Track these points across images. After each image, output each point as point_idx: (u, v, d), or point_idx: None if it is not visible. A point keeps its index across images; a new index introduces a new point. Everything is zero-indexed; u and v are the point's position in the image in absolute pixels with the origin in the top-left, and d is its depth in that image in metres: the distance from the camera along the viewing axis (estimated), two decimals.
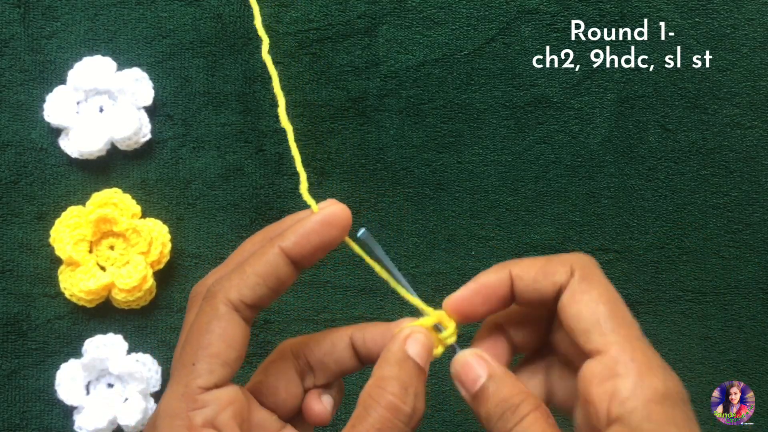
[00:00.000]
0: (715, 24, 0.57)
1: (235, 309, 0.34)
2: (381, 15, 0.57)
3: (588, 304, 0.34)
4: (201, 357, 0.32)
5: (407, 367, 0.34)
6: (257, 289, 0.34)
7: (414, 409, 0.33)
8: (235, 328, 0.33)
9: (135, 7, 0.56)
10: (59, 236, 0.54)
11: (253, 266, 0.34)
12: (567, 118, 0.57)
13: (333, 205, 0.36)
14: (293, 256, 0.35)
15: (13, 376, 0.56)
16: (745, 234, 0.58)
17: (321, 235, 0.35)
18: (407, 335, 0.36)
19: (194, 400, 0.32)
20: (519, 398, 0.34)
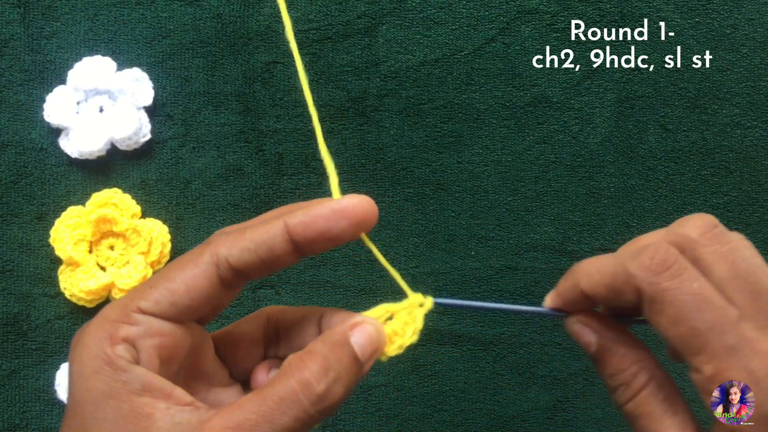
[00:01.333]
0: (715, 24, 0.57)
1: (216, 263, 0.33)
2: (381, 15, 0.57)
3: (666, 328, 0.31)
4: (158, 285, 0.32)
5: (340, 351, 0.33)
6: (246, 253, 0.33)
7: (327, 392, 0.31)
8: (204, 280, 0.33)
9: (135, 7, 0.56)
10: (59, 236, 0.54)
11: (252, 231, 0.33)
12: (567, 118, 0.57)
13: (353, 198, 0.34)
14: (295, 235, 0.33)
15: (13, 376, 0.56)
16: (745, 234, 0.58)
17: (328, 223, 0.33)
18: (357, 323, 0.34)
19: (128, 315, 0.32)
20: (632, 371, 0.33)
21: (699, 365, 0.31)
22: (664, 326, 0.32)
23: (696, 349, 0.31)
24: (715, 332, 0.31)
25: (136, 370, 0.31)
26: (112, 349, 0.31)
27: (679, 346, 0.31)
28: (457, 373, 0.57)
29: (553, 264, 0.57)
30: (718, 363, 0.31)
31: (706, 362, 0.31)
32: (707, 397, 0.31)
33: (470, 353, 0.57)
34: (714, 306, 0.31)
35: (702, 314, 0.31)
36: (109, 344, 0.31)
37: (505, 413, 0.57)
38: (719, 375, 0.31)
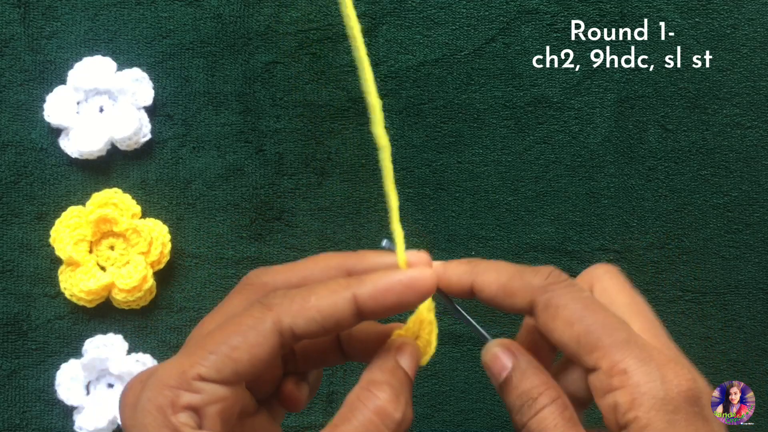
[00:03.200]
0: (715, 24, 0.57)
1: (279, 331, 0.32)
2: (381, 15, 0.57)
3: (563, 328, 0.33)
4: (220, 352, 0.32)
5: (399, 374, 0.34)
6: (312, 325, 0.32)
7: (404, 417, 0.32)
8: (267, 348, 0.32)
9: (135, 7, 0.56)
10: (59, 236, 0.54)
11: (319, 300, 0.33)
12: (567, 118, 0.57)
13: (422, 268, 0.35)
14: (362, 308, 0.33)
15: (13, 376, 0.56)
16: (745, 234, 0.58)
17: (399, 298, 0.33)
18: (399, 345, 0.35)
19: (189, 382, 0.31)
20: (538, 390, 0.34)
21: (595, 362, 0.32)
22: (560, 329, 0.33)
23: (590, 347, 0.32)
24: (607, 329, 0.32)
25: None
26: (175, 418, 0.31)
27: (574, 348, 0.33)
28: (457, 373, 0.57)
29: (553, 264, 0.57)
30: (613, 356, 0.32)
31: (601, 357, 0.32)
32: (604, 397, 0.32)
33: (470, 353, 0.57)
34: (605, 310, 0.33)
35: (594, 315, 0.33)
36: (172, 412, 0.31)
37: (505, 413, 0.57)
38: (616, 366, 0.31)
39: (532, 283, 0.34)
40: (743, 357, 0.57)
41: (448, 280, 0.37)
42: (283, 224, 0.57)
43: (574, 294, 0.34)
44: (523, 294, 0.34)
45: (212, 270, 0.56)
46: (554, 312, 0.33)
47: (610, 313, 0.33)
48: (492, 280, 0.35)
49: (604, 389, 0.32)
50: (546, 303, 0.34)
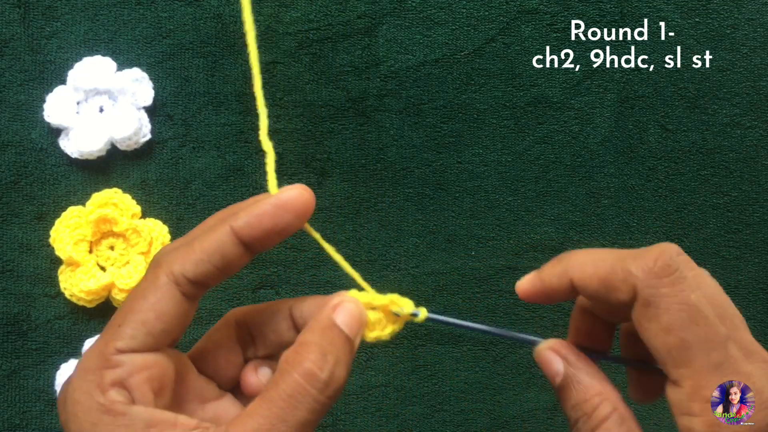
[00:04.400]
0: (715, 24, 0.57)
1: (175, 282, 0.33)
2: (381, 15, 0.57)
3: (657, 333, 0.31)
4: (127, 321, 0.32)
5: (330, 334, 0.33)
6: (200, 265, 0.33)
7: (331, 377, 0.32)
8: (169, 301, 0.33)
9: (135, 7, 0.56)
10: (59, 236, 0.54)
11: (200, 242, 0.33)
12: (567, 118, 0.57)
13: (292, 190, 0.35)
14: (243, 237, 0.33)
15: (13, 376, 0.56)
16: (745, 234, 0.58)
17: (274, 219, 0.34)
18: (336, 303, 0.34)
19: (108, 359, 0.32)
20: (594, 402, 0.33)
21: (680, 378, 0.31)
22: (654, 332, 0.31)
23: (681, 361, 0.31)
24: (704, 347, 0.30)
25: (135, 410, 0.31)
26: (104, 397, 0.31)
27: (663, 356, 0.31)
28: (457, 373, 0.57)
29: None
30: (699, 379, 0.30)
31: (688, 376, 0.30)
32: (681, 417, 0.31)
33: (470, 353, 0.57)
34: (708, 321, 0.31)
35: (695, 327, 0.30)
36: (99, 393, 0.31)
37: (505, 413, 0.57)
38: (699, 392, 0.30)
39: (636, 276, 0.31)
40: None
41: (548, 290, 0.35)
42: None
43: (681, 297, 0.31)
44: (625, 288, 0.32)
45: None
46: (653, 313, 0.31)
47: (713, 328, 0.31)
48: (591, 274, 0.33)
49: (683, 410, 0.31)
50: (646, 301, 0.31)
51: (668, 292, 0.31)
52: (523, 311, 0.57)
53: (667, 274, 0.31)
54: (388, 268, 0.57)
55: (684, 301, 0.31)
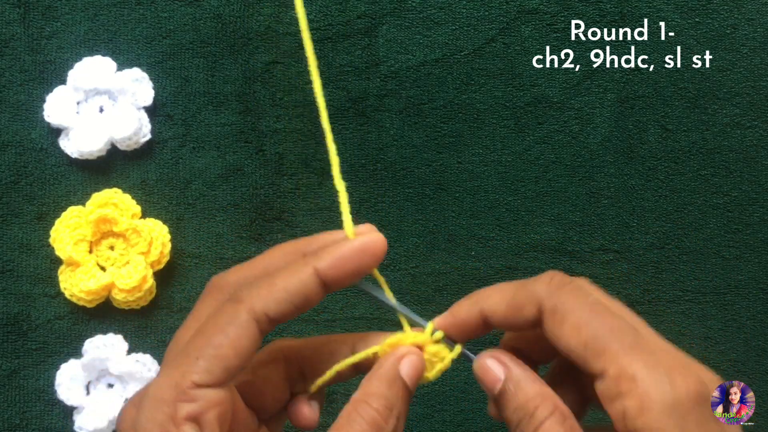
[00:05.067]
0: (715, 24, 0.57)
1: (255, 319, 0.33)
2: (381, 15, 0.57)
3: (570, 333, 0.33)
4: (206, 355, 0.32)
5: (396, 387, 0.34)
6: (283, 305, 0.33)
7: (395, 428, 0.33)
8: (249, 339, 0.33)
9: (135, 7, 0.56)
10: (59, 236, 0.54)
11: (284, 281, 0.34)
12: (567, 118, 0.57)
13: (371, 233, 0.36)
14: (326, 279, 0.34)
15: (13, 376, 0.56)
16: (745, 234, 0.58)
17: (357, 263, 0.35)
18: (402, 355, 0.35)
19: (185, 392, 0.31)
20: (535, 402, 0.34)
21: (602, 367, 0.32)
22: (567, 335, 0.33)
23: (598, 352, 0.32)
24: (615, 334, 0.32)
25: None
26: (176, 430, 0.31)
27: (581, 353, 0.32)
28: (457, 373, 0.57)
29: (553, 264, 0.57)
30: (620, 361, 0.31)
31: (608, 362, 0.31)
32: (612, 404, 0.32)
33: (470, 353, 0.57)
34: (612, 312, 0.33)
35: (602, 319, 0.32)
36: (173, 426, 0.31)
37: None
38: (623, 372, 0.31)
39: (536, 291, 0.34)
40: (743, 357, 0.57)
41: (460, 323, 0.37)
42: (283, 224, 0.57)
43: (581, 298, 0.33)
44: (530, 305, 0.34)
45: (212, 270, 0.56)
46: (561, 317, 0.33)
47: (617, 317, 0.33)
48: (498, 301, 0.35)
49: (612, 395, 0.31)
50: (553, 309, 0.33)
51: (570, 298, 0.33)
52: None
53: (564, 284, 0.34)
54: (388, 268, 0.57)
55: (586, 301, 0.33)
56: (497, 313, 0.35)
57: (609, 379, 0.31)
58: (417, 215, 0.57)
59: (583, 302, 0.33)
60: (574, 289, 0.34)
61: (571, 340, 0.33)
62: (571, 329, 0.33)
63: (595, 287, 0.35)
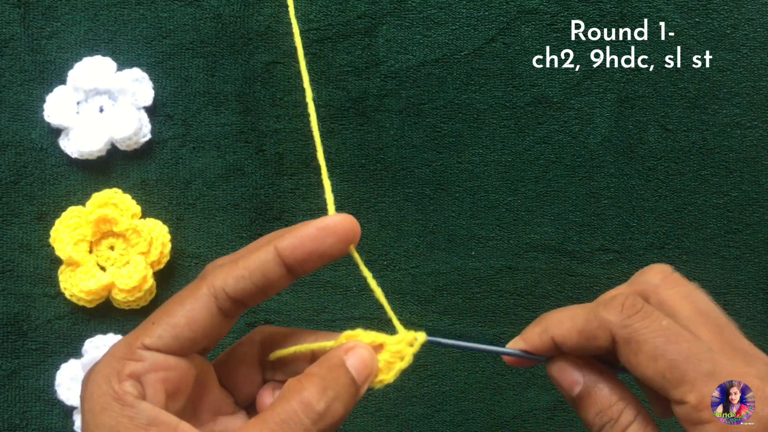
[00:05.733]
0: (715, 24, 0.57)
1: (214, 295, 0.34)
2: (381, 15, 0.57)
3: (646, 364, 0.33)
4: (160, 321, 0.34)
5: (336, 372, 0.34)
6: (241, 281, 0.34)
7: (326, 410, 0.33)
8: (204, 312, 0.34)
9: (135, 7, 0.56)
10: (59, 236, 0.54)
11: (245, 260, 0.35)
12: (567, 118, 0.57)
13: (336, 216, 0.36)
14: (286, 258, 0.35)
15: (13, 376, 0.56)
16: (745, 234, 0.58)
17: (317, 242, 0.35)
18: (351, 347, 0.36)
19: (133, 351, 0.33)
20: (618, 408, 0.34)
21: (682, 396, 0.32)
22: (643, 365, 0.33)
23: (676, 381, 0.32)
24: (692, 362, 0.32)
25: (142, 406, 0.32)
26: (119, 386, 0.32)
27: (660, 382, 0.32)
28: (457, 373, 0.57)
29: (553, 264, 0.57)
30: (700, 389, 0.31)
31: (689, 391, 0.32)
32: (693, 427, 0.32)
33: (470, 353, 0.57)
34: (686, 338, 0.33)
35: (677, 346, 0.32)
36: (117, 381, 0.32)
37: (505, 413, 0.57)
38: (704, 401, 0.31)
39: (609, 321, 0.34)
40: None
41: (532, 349, 0.37)
42: (283, 224, 0.57)
43: (654, 326, 0.33)
44: (604, 335, 0.34)
45: None
46: (636, 347, 0.33)
47: (693, 342, 0.33)
48: (569, 329, 0.35)
49: (694, 422, 0.32)
50: (626, 339, 0.33)
51: (642, 325, 0.33)
52: (523, 311, 0.57)
53: (635, 312, 0.34)
54: (388, 268, 0.57)
55: (658, 328, 0.33)
56: (569, 342, 0.35)
57: (689, 406, 0.32)
58: (417, 215, 0.57)
59: (656, 329, 0.33)
60: (646, 316, 0.34)
61: (647, 370, 0.33)
62: (647, 360, 0.33)
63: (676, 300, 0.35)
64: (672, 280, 0.36)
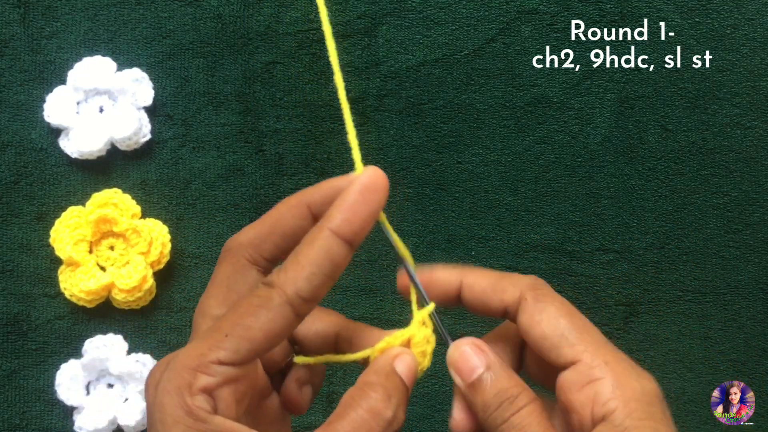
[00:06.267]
0: (715, 24, 0.57)
1: (288, 303, 0.33)
2: (381, 15, 0.57)
3: (549, 321, 0.35)
4: (235, 334, 0.33)
5: (393, 379, 0.35)
6: (314, 280, 0.33)
7: (395, 416, 0.34)
8: (281, 323, 0.33)
9: (135, 7, 0.56)
10: (59, 236, 0.54)
11: (306, 255, 0.33)
12: (567, 118, 0.57)
13: (367, 170, 0.36)
14: (345, 236, 0.34)
15: (13, 376, 0.56)
16: (745, 234, 0.58)
17: (367, 205, 0.35)
18: (397, 354, 0.37)
19: (207, 365, 0.32)
20: (517, 390, 0.35)
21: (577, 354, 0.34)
22: (545, 322, 0.35)
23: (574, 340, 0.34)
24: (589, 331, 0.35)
25: (215, 421, 0.32)
26: (192, 399, 0.32)
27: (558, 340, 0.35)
28: None
29: (553, 264, 0.57)
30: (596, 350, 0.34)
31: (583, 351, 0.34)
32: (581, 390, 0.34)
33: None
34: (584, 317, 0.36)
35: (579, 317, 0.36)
36: (188, 394, 0.32)
37: None
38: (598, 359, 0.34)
39: (522, 281, 0.37)
40: (743, 357, 0.57)
41: (436, 279, 0.38)
42: None
43: (559, 299, 0.36)
44: (512, 290, 0.36)
45: (212, 270, 0.56)
46: (542, 307, 0.35)
47: (588, 321, 0.36)
48: (481, 279, 0.37)
49: (584, 381, 0.34)
50: (536, 297, 0.36)
51: (552, 294, 0.36)
52: None
53: (546, 285, 0.37)
54: (388, 268, 0.57)
55: (564, 302, 0.36)
56: (476, 288, 0.37)
57: (582, 365, 0.34)
58: (417, 215, 0.57)
59: (562, 302, 0.36)
60: (553, 292, 0.37)
61: (548, 327, 0.35)
62: (550, 318, 0.35)
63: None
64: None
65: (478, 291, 0.37)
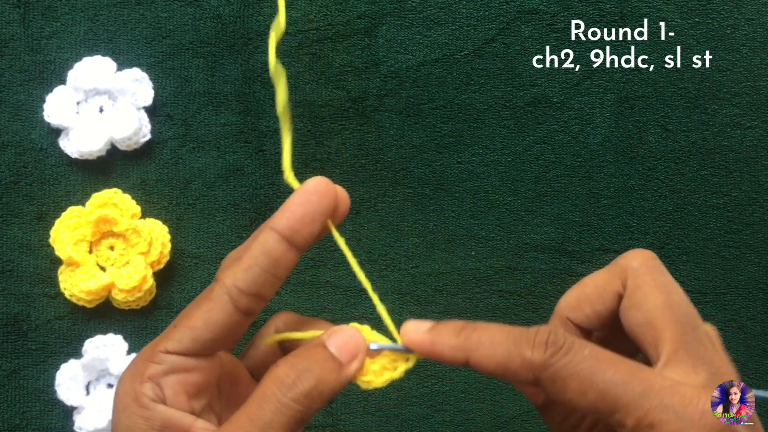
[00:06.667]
0: (715, 24, 0.57)
1: (228, 294, 0.35)
2: (381, 15, 0.57)
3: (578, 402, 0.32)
4: (180, 325, 0.35)
5: (314, 351, 0.35)
6: (249, 272, 0.35)
7: (296, 380, 0.33)
8: (220, 313, 0.35)
9: (135, 7, 0.56)
10: (59, 236, 0.54)
11: (245, 251, 0.35)
12: (567, 118, 0.57)
13: (315, 178, 0.37)
14: (282, 232, 0.35)
15: (13, 376, 0.56)
16: (745, 234, 0.58)
17: (305, 206, 0.35)
18: (335, 330, 0.36)
19: (154, 354, 0.34)
20: None
21: (620, 422, 0.31)
22: (575, 400, 0.32)
23: (610, 409, 0.31)
24: (621, 386, 0.31)
25: (157, 408, 0.34)
26: (140, 387, 0.34)
27: (596, 413, 0.32)
28: (457, 373, 0.57)
29: (553, 264, 0.57)
30: (636, 413, 0.31)
31: (626, 417, 0.31)
32: None
33: None
34: (611, 362, 0.32)
35: (603, 375, 0.32)
36: (139, 382, 0.34)
37: (505, 413, 0.57)
38: (641, 423, 0.31)
39: (531, 361, 0.33)
40: (743, 357, 0.57)
41: (440, 353, 0.36)
42: None
43: (577, 360, 0.32)
44: (524, 373, 0.33)
45: (212, 270, 0.56)
46: (563, 385, 0.32)
47: (619, 365, 0.32)
48: (488, 356, 0.34)
49: None
50: (551, 379, 0.32)
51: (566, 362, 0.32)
52: (523, 311, 0.57)
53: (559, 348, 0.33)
54: (388, 268, 0.57)
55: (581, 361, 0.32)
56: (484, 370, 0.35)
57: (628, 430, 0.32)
58: (417, 215, 0.57)
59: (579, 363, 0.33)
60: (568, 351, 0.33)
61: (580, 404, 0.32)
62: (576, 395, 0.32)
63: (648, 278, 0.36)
64: (651, 267, 0.36)
65: (488, 373, 0.35)
